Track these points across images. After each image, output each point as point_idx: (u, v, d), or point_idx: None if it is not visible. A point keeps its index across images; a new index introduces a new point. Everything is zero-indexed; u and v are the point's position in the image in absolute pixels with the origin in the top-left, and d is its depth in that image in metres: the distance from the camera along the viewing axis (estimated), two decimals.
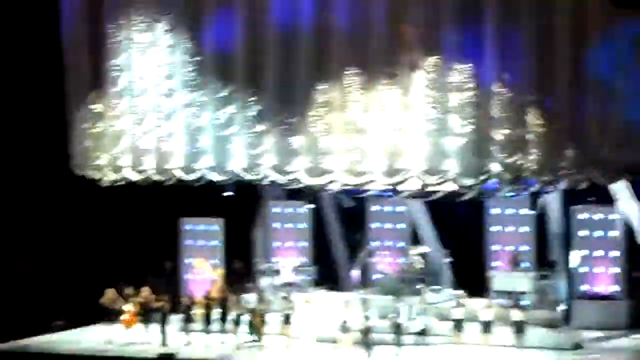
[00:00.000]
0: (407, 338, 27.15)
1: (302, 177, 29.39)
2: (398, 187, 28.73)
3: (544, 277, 29.65)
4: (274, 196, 33.46)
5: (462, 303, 27.41)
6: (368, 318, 26.99)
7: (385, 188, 29.02)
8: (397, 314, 27.12)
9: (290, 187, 30.20)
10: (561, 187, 28.11)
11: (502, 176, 27.70)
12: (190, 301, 29.56)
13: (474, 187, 27.97)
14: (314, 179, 29.33)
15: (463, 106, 27.91)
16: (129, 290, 29.16)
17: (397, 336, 27.01)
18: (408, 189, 28.76)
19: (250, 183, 30.31)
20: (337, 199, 32.69)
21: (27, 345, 28.84)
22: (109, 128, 31.33)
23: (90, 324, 30.81)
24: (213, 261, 32.27)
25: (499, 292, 29.45)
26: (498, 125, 27.72)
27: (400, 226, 32.30)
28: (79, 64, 31.67)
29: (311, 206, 32.98)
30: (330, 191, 29.88)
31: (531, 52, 27.61)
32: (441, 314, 27.90)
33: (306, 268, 32.38)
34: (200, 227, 33.02)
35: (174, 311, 28.91)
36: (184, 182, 30.39)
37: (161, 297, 28.85)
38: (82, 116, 31.66)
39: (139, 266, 31.46)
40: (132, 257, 32.44)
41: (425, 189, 28.49)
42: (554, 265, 30.24)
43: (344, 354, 26.97)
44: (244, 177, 29.89)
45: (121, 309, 28.87)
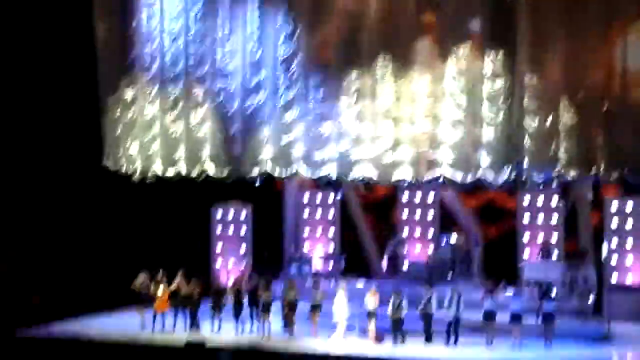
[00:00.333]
0: (438, 327, 27.18)
1: (331, 168, 29.46)
2: (428, 175, 28.77)
3: (575, 267, 29.51)
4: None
5: (492, 292, 27.28)
6: (399, 307, 27.00)
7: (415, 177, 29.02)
8: (428, 303, 27.04)
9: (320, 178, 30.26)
10: (592, 178, 27.79)
11: (534, 166, 27.67)
12: (220, 288, 29.68)
13: (505, 176, 27.91)
14: (343, 167, 29.45)
15: (495, 95, 27.90)
16: (160, 276, 29.30)
17: (427, 325, 27.06)
18: (438, 177, 28.76)
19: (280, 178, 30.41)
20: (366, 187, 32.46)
21: (61, 330, 29.09)
22: (140, 116, 31.57)
23: (123, 309, 31.01)
24: (242, 249, 32.40)
25: (529, 282, 29.31)
26: (530, 114, 27.71)
27: (430, 214, 32.19)
28: (111, 51, 31.86)
29: (340, 194, 32.87)
30: (360, 180, 29.78)
31: (564, 42, 27.55)
32: (471, 304, 27.78)
33: (335, 256, 32.31)
34: (230, 215, 33.08)
35: (204, 298, 29.02)
36: (214, 178, 30.52)
37: (193, 283, 29.00)
38: (114, 104, 31.88)
39: (171, 253, 31.63)
40: (164, 244, 32.59)
41: (455, 178, 28.48)
42: (584, 255, 30.10)
43: (373, 343, 27.02)
44: (273, 171, 29.96)
45: (153, 294, 29.04)
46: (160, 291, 28.99)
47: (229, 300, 29.27)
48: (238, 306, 28.90)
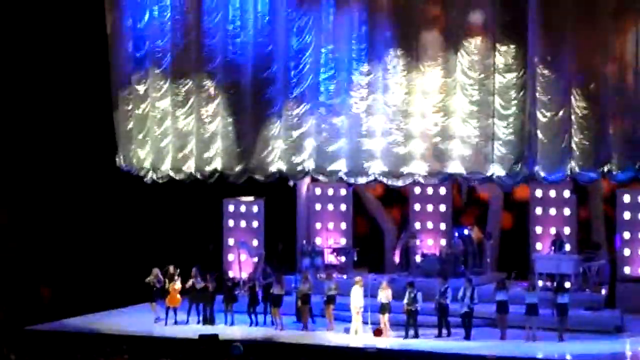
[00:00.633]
0: (451, 319, 27.22)
1: (342, 164, 29.45)
2: (440, 169, 28.74)
3: (587, 259, 29.49)
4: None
5: (505, 285, 27.30)
6: (414, 300, 27.03)
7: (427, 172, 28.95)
8: (442, 295, 27.09)
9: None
10: (605, 171, 27.71)
11: (546, 160, 27.65)
12: (233, 282, 29.74)
13: (518, 169, 27.88)
14: (354, 162, 29.41)
15: (507, 88, 27.87)
16: (172, 270, 29.40)
17: (444, 317, 27.08)
18: (450, 171, 28.71)
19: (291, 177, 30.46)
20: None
21: (73, 325, 29.19)
22: (152, 110, 31.61)
23: (137, 304, 31.12)
24: (254, 242, 32.45)
25: (541, 274, 29.30)
26: (542, 107, 27.67)
27: (442, 208, 32.17)
28: (122, 45, 31.88)
29: (351, 188, 32.83)
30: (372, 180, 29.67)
31: (576, 33, 27.50)
32: (483, 296, 27.80)
33: (348, 249, 32.32)
34: (242, 208, 33.11)
35: (218, 292, 29.10)
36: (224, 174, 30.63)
37: (207, 277, 29.07)
38: (126, 98, 31.92)
39: (183, 247, 31.72)
40: (176, 238, 32.65)
41: (468, 172, 28.43)
42: (597, 247, 30.08)
43: (386, 335, 27.05)
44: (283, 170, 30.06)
45: (166, 288, 29.13)
46: (173, 286, 29.11)
47: (242, 294, 29.38)
48: (251, 300, 28.99)
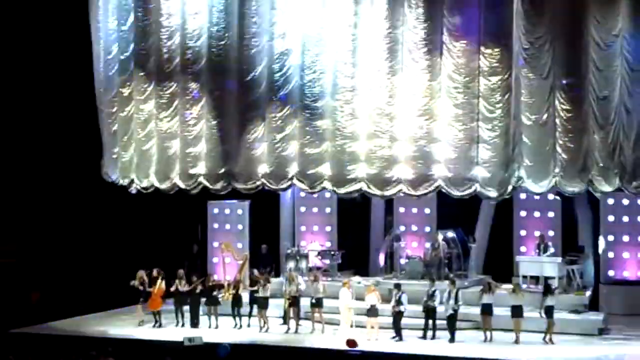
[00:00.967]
0: (436, 322, 27.23)
1: (326, 168, 29.40)
2: (425, 172, 28.72)
3: (571, 262, 29.56)
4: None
5: (490, 287, 27.34)
6: (399, 302, 27.06)
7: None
8: (430, 298, 27.12)
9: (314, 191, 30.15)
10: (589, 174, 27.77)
11: (531, 161, 27.72)
12: (218, 284, 29.68)
13: (504, 173, 27.91)
14: (338, 166, 29.38)
15: (492, 91, 27.92)
16: (157, 273, 29.35)
17: (428, 320, 27.11)
18: (435, 175, 28.72)
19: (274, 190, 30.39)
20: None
21: (59, 327, 29.10)
22: (136, 112, 31.56)
23: (124, 306, 31.06)
24: (239, 244, 32.41)
25: (525, 277, 29.35)
26: (527, 110, 27.74)
27: (427, 210, 32.21)
28: (106, 48, 31.83)
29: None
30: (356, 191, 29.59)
31: (559, 36, 27.58)
32: (469, 299, 27.83)
33: (332, 252, 32.30)
34: (226, 211, 33.07)
35: (202, 294, 29.06)
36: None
37: (192, 279, 29.04)
38: (110, 100, 31.87)
39: (168, 249, 31.67)
40: (161, 241, 32.60)
41: (453, 175, 28.43)
42: (581, 250, 30.16)
43: (372, 338, 27.07)
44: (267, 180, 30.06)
45: (150, 290, 29.08)
46: (155, 289, 29.07)
47: (226, 296, 29.34)
48: (236, 302, 28.96)
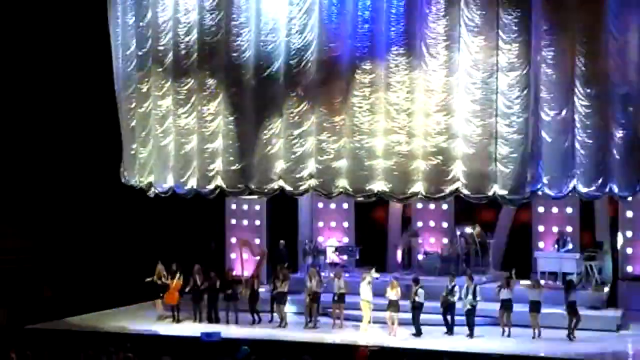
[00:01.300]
0: (455, 318, 27.26)
1: (343, 164, 29.35)
2: (443, 168, 28.64)
3: (590, 258, 29.51)
4: None
5: (509, 283, 27.33)
6: (416, 294, 27.07)
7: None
8: (449, 293, 27.13)
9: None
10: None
11: (550, 158, 27.64)
12: (235, 279, 29.73)
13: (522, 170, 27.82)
14: (356, 162, 29.31)
15: (510, 87, 27.86)
16: (176, 267, 29.43)
17: (450, 315, 27.13)
18: (453, 169, 28.63)
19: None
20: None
21: (77, 323, 29.19)
22: (154, 108, 31.61)
23: (141, 302, 31.17)
24: (257, 240, 32.46)
25: (543, 273, 29.32)
26: (546, 106, 27.68)
27: (444, 206, 32.17)
28: (125, 44, 31.91)
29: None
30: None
31: (579, 31, 27.52)
32: (487, 295, 27.83)
33: (350, 248, 32.31)
34: (244, 207, 33.09)
35: (221, 289, 29.10)
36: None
37: (210, 275, 29.10)
38: (128, 96, 31.94)
39: (186, 245, 31.74)
40: (179, 236, 32.68)
41: (470, 172, 28.30)
42: (599, 246, 30.10)
43: (392, 332, 27.06)
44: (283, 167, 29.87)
45: (168, 285, 29.17)
46: (172, 283, 29.14)
47: (244, 291, 29.38)
48: (253, 298, 29.00)
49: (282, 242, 31.72)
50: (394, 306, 27.17)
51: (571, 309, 26.72)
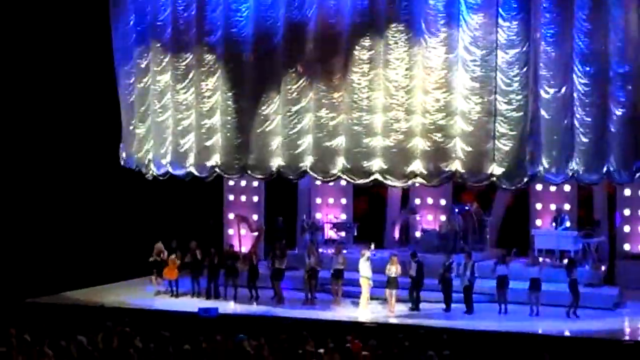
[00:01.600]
0: (452, 294, 27.36)
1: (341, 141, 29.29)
2: (442, 146, 28.61)
3: (587, 236, 29.56)
4: None
5: (504, 259, 27.41)
6: (411, 271, 27.13)
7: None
8: (447, 270, 27.20)
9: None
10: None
11: (549, 136, 27.60)
12: (234, 256, 29.75)
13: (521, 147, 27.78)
14: (354, 139, 29.26)
15: (509, 65, 27.81)
16: (175, 244, 29.47)
17: (447, 292, 27.22)
18: (451, 147, 28.61)
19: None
20: None
21: (75, 297, 29.24)
22: (153, 84, 31.55)
23: (139, 277, 31.22)
24: (254, 216, 32.48)
25: (541, 250, 29.36)
26: (545, 84, 27.66)
27: None
28: (124, 19, 31.82)
29: None
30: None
31: (579, 8, 27.48)
32: (483, 272, 27.90)
33: (348, 224, 32.34)
34: (242, 183, 33.09)
35: (220, 265, 29.15)
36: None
37: (210, 251, 29.13)
38: (127, 72, 31.87)
39: (184, 221, 31.76)
40: (177, 212, 32.69)
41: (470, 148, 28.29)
42: (597, 224, 30.14)
43: (391, 309, 27.18)
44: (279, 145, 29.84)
45: (166, 261, 29.22)
46: (172, 259, 29.19)
47: (242, 267, 29.43)
48: (252, 274, 29.05)
49: (279, 218, 31.74)
50: (393, 283, 27.23)
51: (572, 287, 26.77)
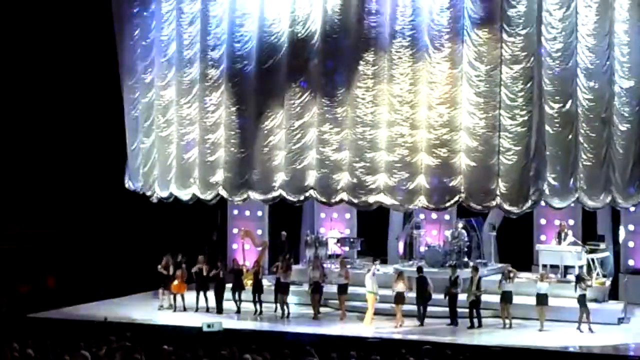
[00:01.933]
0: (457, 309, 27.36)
1: (345, 155, 29.22)
2: (446, 162, 28.56)
3: (591, 251, 29.51)
4: None
5: (510, 275, 27.36)
6: (422, 289, 27.08)
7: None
8: (453, 284, 27.16)
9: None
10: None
11: (553, 152, 27.61)
12: (239, 270, 29.69)
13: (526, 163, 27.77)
14: (357, 152, 29.23)
15: (514, 80, 27.82)
16: (179, 258, 29.44)
17: (453, 306, 27.21)
18: (457, 163, 28.59)
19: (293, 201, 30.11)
20: None
21: (78, 313, 29.19)
22: (157, 98, 31.61)
23: (141, 292, 31.20)
24: (258, 231, 32.46)
25: (545, 266, 29.30)
26: (549, 99, 27.64)
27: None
28: (129, 34, 31.86)
29: None
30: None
31: (584, 23, 27.49)
32: (488, 287, 27.84)
33: (351, 239, 32.29)
34: None
35: (224, 280, 29.12)
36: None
37: (217, 265, 29.11)
38: (132, 86, 31.92)
39: (188, 235, 31.73)
40: (181, 226, 32.67)
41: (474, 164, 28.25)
42: (601, 239, 30.08)
43: (398, 324, 27.15)
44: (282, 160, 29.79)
45: (173, 275, 29.18)
46: (179, 273, 29.15)
47: (247, 282, 29.37)
48: (257, 289, 29.00)
49: (283, 233, 31.73)
50: (400, 298, 27.20)
51: (581, 302, 26.72)
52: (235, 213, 33.13)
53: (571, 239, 29.76)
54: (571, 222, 30.42)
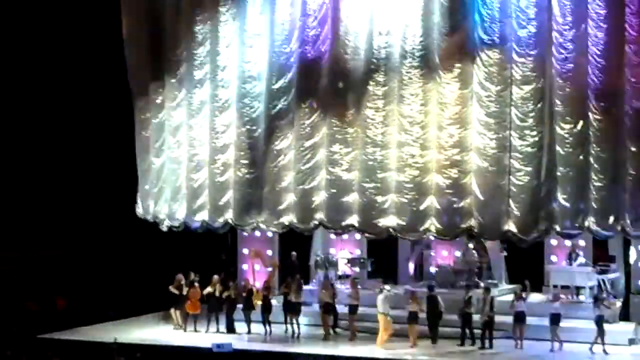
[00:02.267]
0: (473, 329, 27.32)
1: (355, 176, 29.24)
2: (457, 182, 28.55)
3: (602, 272, 29.44)
4: None
5: (522, 296, 27.31)
6: (434, 309, 27.03)
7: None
8: (466, 305, 27.12)
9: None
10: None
11: (564, 172, 27.57)
12: (248, 291, 29.65)
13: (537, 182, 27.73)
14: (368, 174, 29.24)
15: (524, 100, 27.84)
16: (192, 278, 29.41)
17: (467, 326, 27.16)
18: (467, 183, 28.56)
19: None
20: None
21: (88, 333, 29.17)
22: (168, 119, 31.67)
23: (151, 312, 31.18)
24: (268, 252, 32.43)
25: (555, 286, 29.23)
26: (560, 120, 27.64)
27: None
28: (139, 54, 31.96)
29: None
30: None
31: (593, 46, 27.51)
32: (499, 307, 27.77)
33: (361, 260, 32.25)
34: None
35: (236, 300, 29.09)
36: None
37: (229, 285, 29.09)
38: (143, 106, 31.99)
39: (197, 256, 31.73)
40: (190, 247, 32.67)
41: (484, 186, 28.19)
42: (612, 260, 30.04)
43: (412, 345, 27.10)
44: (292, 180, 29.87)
45: (186, 295, 29.15)
46: (192, 292, 29.11)
47: (257, 302, 29.33)
48: (266, 309, 28.96)
49: (293, 253, 31.69)
50: (413, 318, 27.14)
51: (599, 323, 26.66)
52: (245, 234, 33.08)
53: (582, 259, 29.74)
54: (582, 243, 30.35)
